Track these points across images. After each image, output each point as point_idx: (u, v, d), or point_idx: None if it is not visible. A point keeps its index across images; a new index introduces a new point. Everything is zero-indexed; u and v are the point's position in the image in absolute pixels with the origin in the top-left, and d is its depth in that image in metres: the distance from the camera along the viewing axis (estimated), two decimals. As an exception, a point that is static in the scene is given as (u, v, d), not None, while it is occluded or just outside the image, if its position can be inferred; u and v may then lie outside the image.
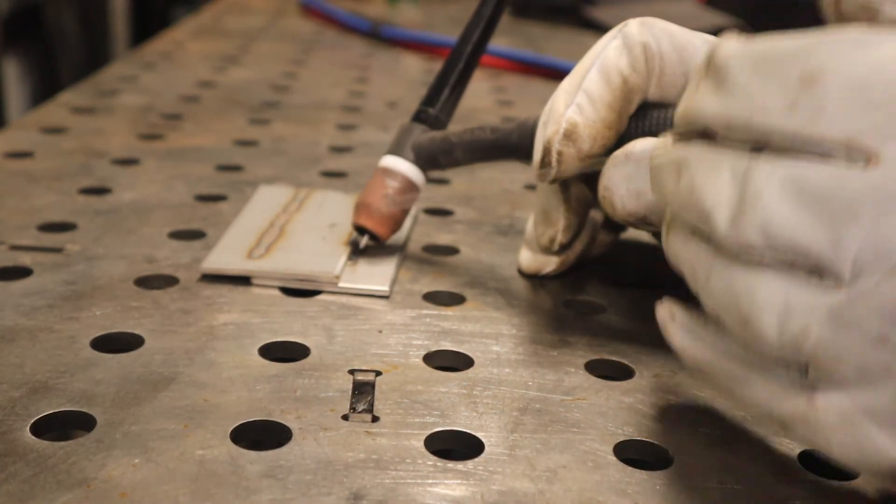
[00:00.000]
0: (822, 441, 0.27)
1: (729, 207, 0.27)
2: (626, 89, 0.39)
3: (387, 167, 0.46)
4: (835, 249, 0.25)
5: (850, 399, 0.26)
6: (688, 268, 0.30)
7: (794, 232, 0.26)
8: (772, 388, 0.28)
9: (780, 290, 0.27)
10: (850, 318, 0.25)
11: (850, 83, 0.25)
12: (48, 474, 0.28)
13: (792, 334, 0.26)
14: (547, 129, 0.39)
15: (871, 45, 0.25)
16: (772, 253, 0.27)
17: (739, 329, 0.28)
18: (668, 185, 0.31)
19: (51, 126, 0.68)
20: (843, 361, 0.26)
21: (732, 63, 0.28)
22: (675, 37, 0.40)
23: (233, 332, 0.39)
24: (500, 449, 0.31)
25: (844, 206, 0.25)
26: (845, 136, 0.25)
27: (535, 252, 0.46)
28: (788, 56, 0.27)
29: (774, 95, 0.27)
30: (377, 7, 1.38)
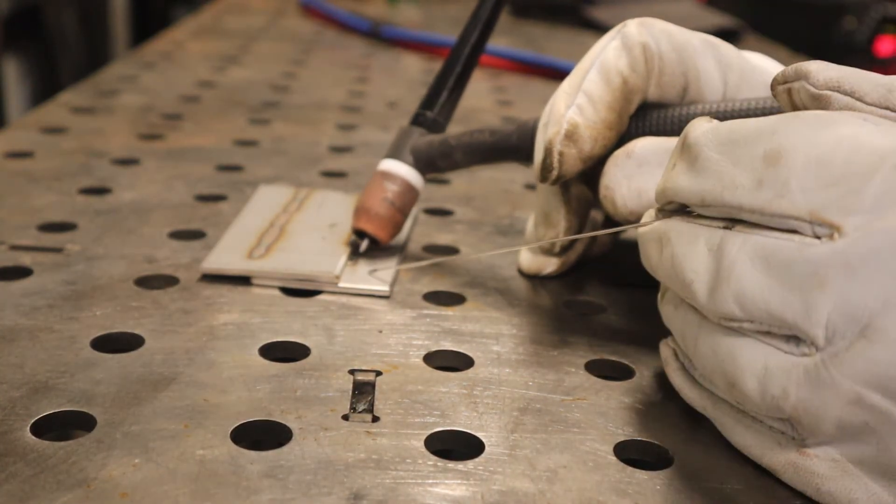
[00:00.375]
0: (812, 489, 0.29)
1: (706, 279, 0.29)
2: (626, 90, 0.40)
3: (386, 171, 0.46)
4: (807, 316, 0.27)
5: (841, 451, 0.28)
6: (678, 333, 0.32)
7: (767, 301, 0.27)
8: (763, 437, 0.30)
9: (760, 354, 0.28)
10: (826, 381, 0.27)
11: (811, 160, 0.27)
12: (48, 474, 0.28)
13: (772, 396, 0.28)
14: (548, 130, 0.39)
15: (828, 125, 0.27)
16: (749, 321, 0.28)
17: (727, 390, 0.30)
18: (653, 256, 0.32)
19: (51, 126, 0.68)
20: (823, 420, 0.27)
21: (703, 143, 0.30)
22: (674, 37, 0.40)
23: (233, 332, 0.39)
24: (500, 449, 0.31)
25: (812, 274, 0.26)
26: (809, 211, 0.27)
27: (534, 252, 0.46)
28: (753, 136, 0.28)
29: (742, 173, 0.28)
30: (377, 7, 1.38)
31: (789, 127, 0.28)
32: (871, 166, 0.26)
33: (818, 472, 0.28)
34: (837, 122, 0.27)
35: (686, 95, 0.41)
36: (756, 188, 0.28)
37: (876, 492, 0.27)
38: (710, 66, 0.40)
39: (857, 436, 0.27)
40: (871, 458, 0.27)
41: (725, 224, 0.29)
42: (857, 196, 0.26)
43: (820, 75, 0.29)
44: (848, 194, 0.26)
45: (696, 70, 0.40)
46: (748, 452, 0.31)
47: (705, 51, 0.40)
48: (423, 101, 0.48)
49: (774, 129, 0.28)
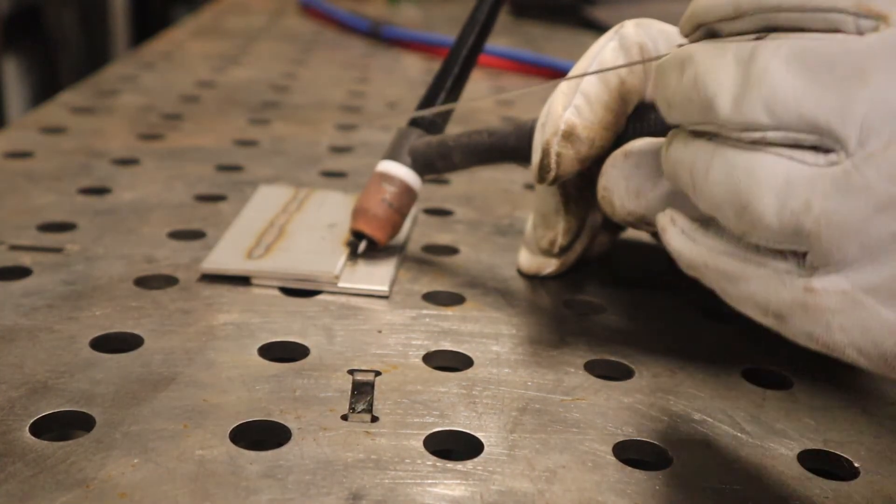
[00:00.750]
0: (822, 327, 0.27)
1: (732, 90, 0.27)
2: (624, 90, 0.40)
3: (384, 172, 0.46)
4: (842, 115, 0.25)
5: (850, 280, 0.26)
6: (687, 171, 0.30)
7: (800, 103, 0.26)
8: (767, 280, 0.28)
9: (782, 168, 0.26)
10: (857, 184, 0.25)
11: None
12: (47, 474, 0.28)
13: (792, 211, 0.26)
14: (545, 130, 0.39)
15: None
16: (775, 130, 0.26)
17: (738, 217, 0.28)
18: (671, 83, 0.30)
19: (51, 126, 0.68)
20: (847, 234, 0.25)
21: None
22: (671, 37, 0.40)
23: (232, 332, 0.39)
24: (499, 449, 0.31)
25: (854, 70, 0.25)
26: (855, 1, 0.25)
27: (534, 253, 0.46)
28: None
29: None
30: (377, 7, 1.38)
31: None
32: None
33: (829, 307, 0.26)
34: None
35: None
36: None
37: (889, 319, 0.26)
38: None
39: (876, 255, 0.25)
40: (888, 281, 0.25)
41: (758, 36, 0.27)
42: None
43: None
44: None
45: None
46: (752, 302, 0.29)
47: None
48: (421, 102, 0.48)
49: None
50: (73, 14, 2.02)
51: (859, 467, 0.32)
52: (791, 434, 0.33)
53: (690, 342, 0.40)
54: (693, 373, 0.37)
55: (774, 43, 0.27)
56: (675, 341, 0.40)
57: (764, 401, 0.35)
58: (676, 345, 0.40)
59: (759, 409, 0.35)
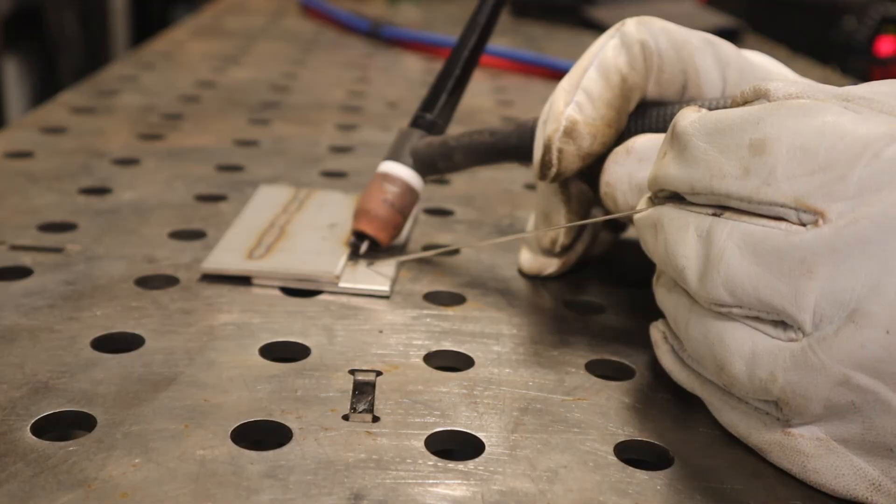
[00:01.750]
0: (798, 468, 0.30)
1: (697, 266, 0.30)
2: (625, 87, 0.40)
3: (386, 172, 0.46)
4: (795, 302, 0.27)
5: (824, 430, 0.29)
6: (671, 315, 0.33)
7: (756, 288, 0.28)
8: (749, 418, 0.31)
9: (748, 339, 0.29)
10: (813, 364, 0.27)
11: (795, 148, 0.27)
12: (48, 474, 0.28)
13: (760, 379, 0.29)
14: (547, 127, 0.39)
15: (811, 113, 0.28)
16: (738, 307, 0.29)
17: (716, 373, 0.31)
18: (649, 241, 0.33)
19: (51, 126, 0.68)
20: (810, 401, 0.28)
21: (691, 132, 0.31)
22: (672, 35, 0.40)
23: (233, 332, 0.39)
24: (500, 449, 0.31)
25: (799, 261, 0.27)
26: (794, 198, 0.27)
27: (535, 253, 0.46)
28: (738, 125, 0.29)
29: (729, 162, 0.29)
30: (377, 7, 1.38)
31: (773, 116, 0.28)
32: (854, 153, 0.27)
33: (804, 451, 0.29)
34: (820, 110, 0.28)
35: (685, 93, 0.41)
36: (743, 176, 0.28)
37: (861, 467, 0.28)
38: (709, 63, 0.40)
39: (843, 415, 0.28)
40: (857, 436, 0.28)
41: (714, 211, 0.30)
42: (841, 183, 0.27)
43: (779, 92, 0.30)
44: (832, 181, 0.27)
45: (694, 68, 0.40)
46: (735, 431, 0.32)
47: (704, 48, 0.40)
48: (423, 102, 0.48)
49: (759, 118, 0.29)
50: (73, 14, 2.02)
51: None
52: (792, 434, 0.33)
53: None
54: (694, 373, 0.37)
55: (728, 225, 0.29)
56: (676, 341, 0.40)
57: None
58: (677, 345, 0.39)
59: (760, 409, 0.35)
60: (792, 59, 1.10)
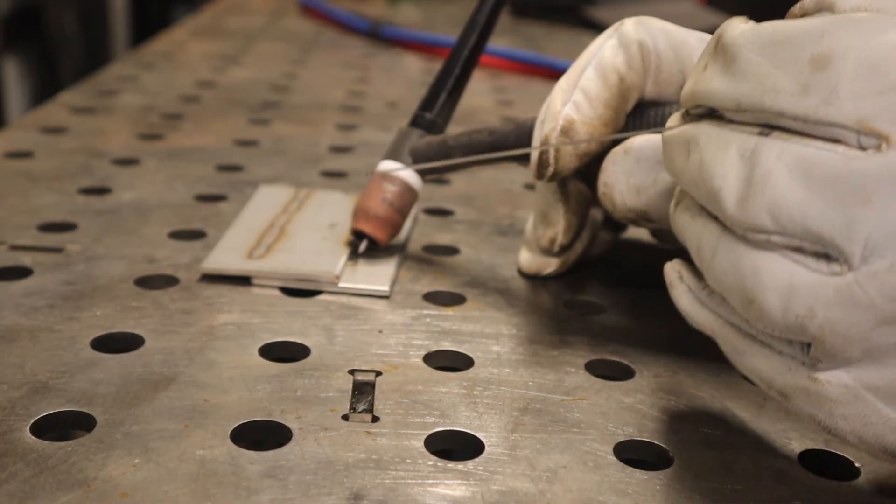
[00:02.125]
0: (825, 414, 0.27)
1: (737, 188, 0.27)
2: (623, 87, 0.40)
3: (385, 172, 0.46)
4: (846, 232, 0.25)
5: (854, 376, 0.27)
6: (693, 244, 0.30)
7: (805, 215, 0.26)
8: (772, 361, 0.28)
9: (786, 271, 0.27)
10: (860, 300, 0.25)
11: (863, 66, 0.25)
12: (48, 474, 0.28)
13: (797, 315, 0.26)
14: (544, 126, 0.39)
15: (882, 29, 0.25)
16: (780, 235, 0.27)
17: (744, 307, 0.28)
18: (678, 161, 0.31)
19: (51, 126, 0.68)
20: (850, 341, 0.26)
21: (742, 44, 0.28)
22: (671, 35, 0.40)
23: (233, 332, 0.39)
24: (500, 449, 0.31)
25: (856, 189, 0.25)
26: (857, 119, 0.25)
27: (534, 253, 0.46)
28: (799, 38, 0.27)
29: (785, 77, 0.27)
30: (377, 7, 1.38)
31: (840, 29, 0.26)
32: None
33: (831, 397, 0.27)
34: (892, 26, 0.25)
35: None
36: (801, 93, 0.26)
37: (890, 417, 0.27)
38: None
39: (879, 358, 0.26)
40: (890, 383, 0.26)
41: (761, 130, 0.27)
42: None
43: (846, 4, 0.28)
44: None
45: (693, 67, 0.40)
46: (757, 377, 0.29)
47: (702, 48, 0.40)
48: (423, 102, 0.48)
49: (823, 30, 0.26)
50: (73, 14, 2.02)
51: (860, 467, 0.32)
52: (791, 434, 0.33)
53: (691, 342, 0.40)
54: (694, 373, 0.37)
55: (777, 145, 0.27)
56: (676, 341, 0.40)
57: (765, 401, 0.35)
58: (677, 345, 0.40)
59: (759, 408, 0.35)
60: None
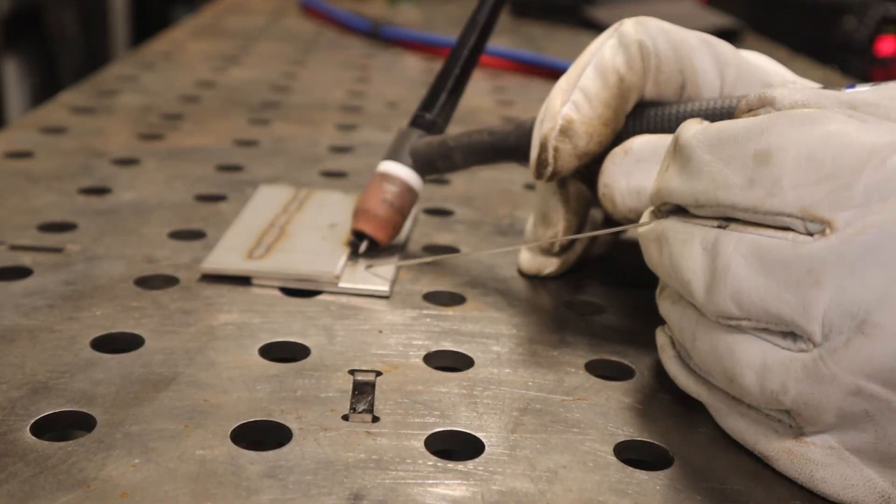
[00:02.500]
0: (806, 476, 0.29)
1: (703, 279, 0.30)
2: (623, 87, 0.40)
3: (385, 172, 0.46)
4: (803, 313, 0.27)
5: (837, 439, 0.28)
6: (676, 328, 0.33)
7: (764, 300, 0.28)
8: (758, 426, 0.31)
9: (758, 350, 0.29)
10: (825, 374, 0.27)
11: (800, 157, 0.27)
12: (48, 474, 0.28)
13: (772, 390, 0.28)
14: (543, 126, 0.39)
15: (815, 122, 0.27)
16: (746, 319, 0.28)
17: (726, 385, 0.30)
18: (653, 255, 0.33)
19: (51, 126, 0.68)
20: (822, 412, 0.28)
21: (695, 144, 0.30)
22: (670, 35, 0.40)
23: (233, 332, 0.39)
24: (500, 449, 0.31)
25: (807, 272, 0.27)
26: (800, 207, 0.27)
27: (534, 252, 0.46)
28: (743, 135, 0.29)
29: (734, 173, 0.29)
30: (377, 7, 1.38)
31: (778, 125, 0.28)
32: (860, 161, 0.26)
33: (813, 459, 0.29)
34: (825, 119, 0.27)
35: (683, 93, 0.41)
36: (748, 187, 0.28)
37: (871, 477, 0.28)
38: (707, 63, 0.40)
39: (856, 423, 0.27)
40: (869, 445, 0.28)
41: (719, 223, 0.29)
42: (847, 191, 0.26)
43: (785, 100, 0.30)
44: (838, 190, 0.26)
45: (692, 68, 0.40)
46: (741, 439, 0.31)
47: (702, 48, 0.41)
48: (423, 102, 0.48)
49: (763, 128, 0.28)
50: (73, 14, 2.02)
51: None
52: (792, 434, 0.33)
53: (691, 342, 0.40)
54: (694, 373, 0.37)
55: (734, 236, 0.29)
56: (676, 341, 0.40)
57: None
58: (677, 345, 0.39)
59: (759, 409, 0.35)
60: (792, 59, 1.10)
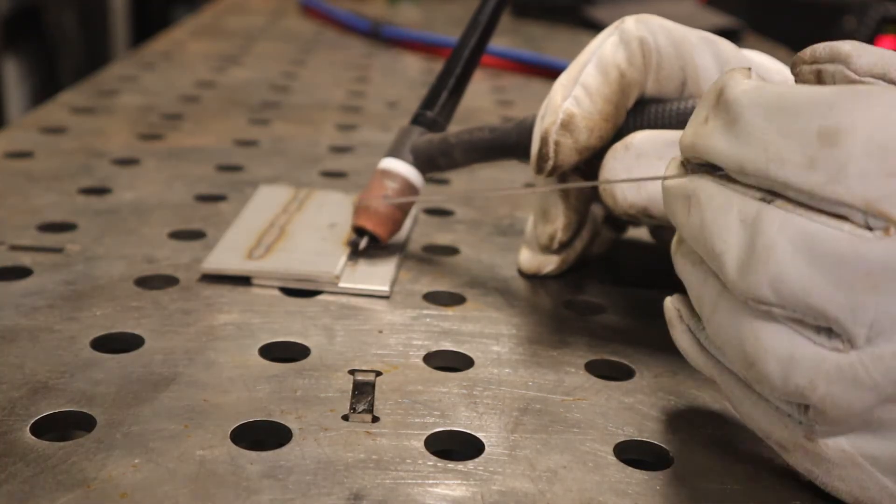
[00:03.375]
0: (822, 471, 0.28)
1: (738, 255, 0.27)
2: (624, 83, 0.40)
3: (386, 169, 0.46)
4: (851, 314, 0.25)
5: (852, 443, 0.27)
6: (694, 293, 0.30)
7: (808, 292, 0.25)
8: (771, 415, 0.28)
9: (787, 341, 0.26)
10: (863, 380, 0.25)
11: (874, 145, 0.24)
12: (48, 475, 0.28)
13: (797, 385, 0.26)
14: (544, 120, 0.39)
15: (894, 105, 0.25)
16: (781, 308, 0.26)
17: (744, 367, 0.28)
18: (678, 214, 0.30)
19: (51, 126, 0.68)
20: (851, 415, 0.26)
21: (746, 104, 0.27)
22: (671, 32, 0.40)
23: (233, 332, 0.39)
24: (500, 449, 0.31)
25: (863, 274, 0.25)
26: (865, 200, 0.24)
27: (535, 252, 0.46)
28: (807, 108, 0.26)
29: (792, 148, 0.26)
30: (377, 7, 1.38)
31: (850, 103, 0.25)
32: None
33: (829, 459, 0.27)
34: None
35: (684, 90, 0.41)
36: (807, 167, 0.25)
37: (887, 485, 0.27)
38: (708, 60, 0.41)
39: (879, 431, 0.26)
40: (888, 454, 0.26)
41: (763, 196, 0.27)
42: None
43: (861, 59, 0.27)
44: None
45: (693, 65, 0.40)
46: (754, 426, 0.29)
47: (702, 46, 0.41)
48: (424, 100, 0.48)
49: (832, 103, 0.25)
50: (73, 14, 2.02)
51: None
52: (792, 434, 0.33)
53: (691, 342, 0.40)
54: (694, 373, 0.37)
55: (780, 216, 0.26)
56: (676, 341, 0.40)
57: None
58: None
59: (759, 409, 0.35)
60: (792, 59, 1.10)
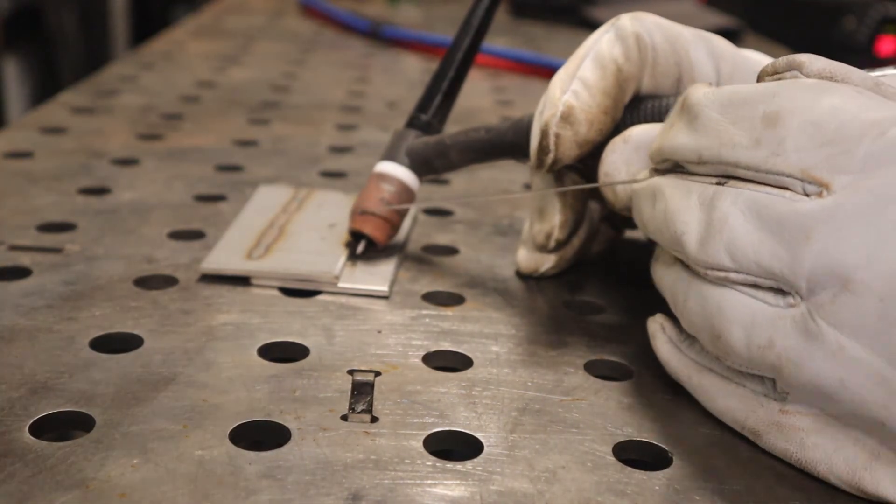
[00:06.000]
0: (797, 445, 0.30)
1: (697, 231, 0.31)
2: (621, 77, 0.40)
3: (382, 172, 0.46)
4: (792, 267, 0.28)
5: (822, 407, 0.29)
6: (669, 293, 0.34)
7: (757, 252, 0.29)
8: (745, 399, 0.32)
9: (747, 305, 0.30)
10: (812, 330, 0.28)
11: (806, 122, 0.29)
12: (47, 475, 0.28)
13: (758, 346, 0.29)
14: (544, 113, 0.40)
15: (825, 92, 0.29)
16: (737, 272, 0.30)
17: (713, 344, 0.31)
18: (645, 210, 0.34)
19: (51, 126, 0.68)
20: (803, 367, 0.28)
21: (704, 104, 0.32)
22: (666, 29, 0.41)
23: (232, 332, 0.39)
24: (499, 449, 0.31)
25: (799, 228, 0.28)
26: (801, 169, 0.28)
27: (531, 250, 0.46)
28: (753, 98, 0.30)
29: (740, 132, 0.30)
30: (377, 7, 1.38)
31: (789, 91, 0.30)
32: (862, 131, 0.28)
33: (802, 427, 0.30)
34: (835, 91, 0.29)
35: (680, 86, 0.41)
36: (753, 146, 0.30)
37: (860, 438, 0.29)
38: (703, 56, 0.41)
39: (833, 395, 0.28)
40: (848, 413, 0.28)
41: (719, 180, 0.31)
42: (846, 157, 0.28)
43: (812, 66, 0.31)
44: (838, 154, 0.28)
45: (689, 61, 0.41)
46: (731, 417, 0.32)
47: (697, 42, 0.41)
48: (418, 103, 0.48)
49: (775, 92, 0.30)
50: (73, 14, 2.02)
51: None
52: (791, 434, 0.33)
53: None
54: (693, 373, 0.37)
55: (733, 192, 0.30)
56: (675, 341, 0.40)
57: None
58: (676, 345, 0.39)
59: (758, 409, 0.35)
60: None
